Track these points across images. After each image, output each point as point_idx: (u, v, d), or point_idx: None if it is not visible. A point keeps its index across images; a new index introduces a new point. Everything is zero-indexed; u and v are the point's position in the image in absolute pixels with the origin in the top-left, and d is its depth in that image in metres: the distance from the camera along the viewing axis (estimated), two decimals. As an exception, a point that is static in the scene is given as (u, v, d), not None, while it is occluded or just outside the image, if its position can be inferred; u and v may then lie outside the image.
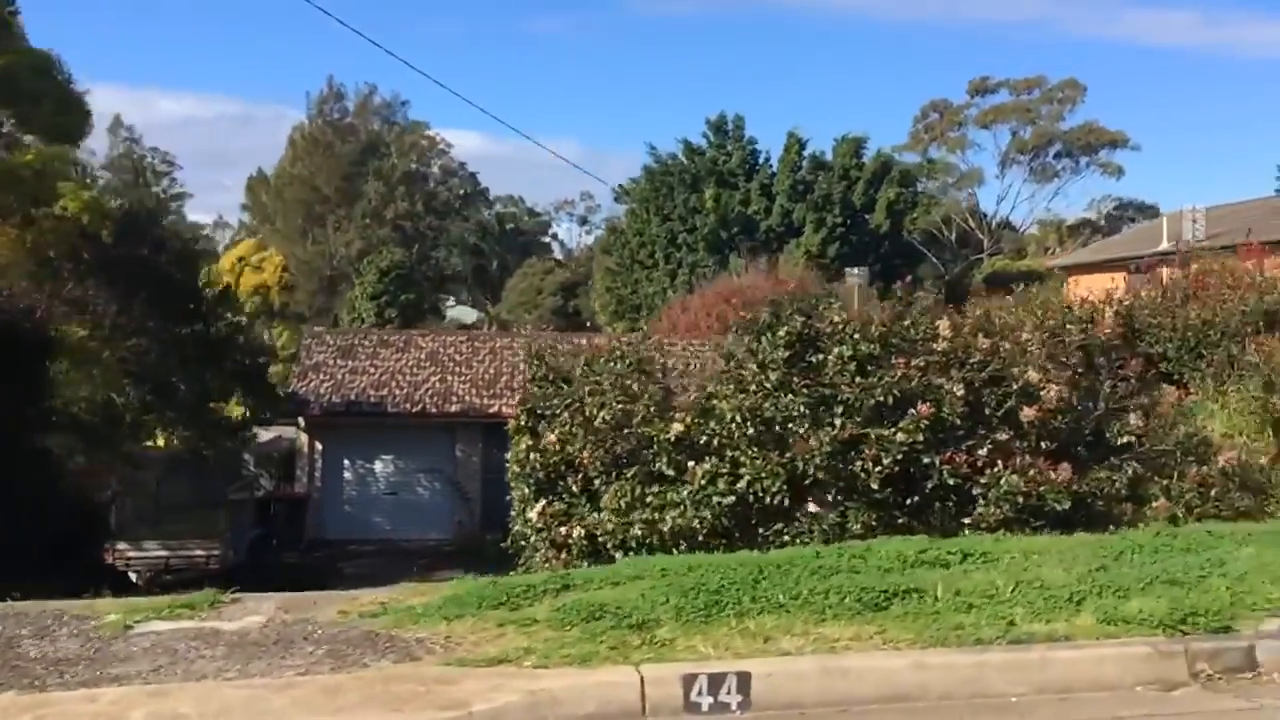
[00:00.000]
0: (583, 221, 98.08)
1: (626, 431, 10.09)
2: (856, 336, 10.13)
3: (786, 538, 9.92)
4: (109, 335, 19.23)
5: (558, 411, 10.76)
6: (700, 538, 9.81)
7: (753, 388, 10.06)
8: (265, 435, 29.11)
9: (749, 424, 9.90)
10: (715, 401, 10.04)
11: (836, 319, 10.29)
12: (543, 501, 10.87)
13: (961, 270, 65.97)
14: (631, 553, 9.93)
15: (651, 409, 10.08)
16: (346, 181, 75.72)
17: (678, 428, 9.87)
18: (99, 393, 18.85)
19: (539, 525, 10.81)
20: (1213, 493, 10.65)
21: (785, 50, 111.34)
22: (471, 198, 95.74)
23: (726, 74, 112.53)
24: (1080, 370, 11.85)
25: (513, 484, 11.56)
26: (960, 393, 10.00)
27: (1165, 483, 10.78)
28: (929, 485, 10.02)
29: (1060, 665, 5.76)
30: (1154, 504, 10.60)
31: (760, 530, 10.06)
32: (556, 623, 6.48)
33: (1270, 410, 11.05)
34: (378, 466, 28.23)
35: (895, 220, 62.08)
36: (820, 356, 10.19)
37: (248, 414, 26.55)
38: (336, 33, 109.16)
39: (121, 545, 21.84)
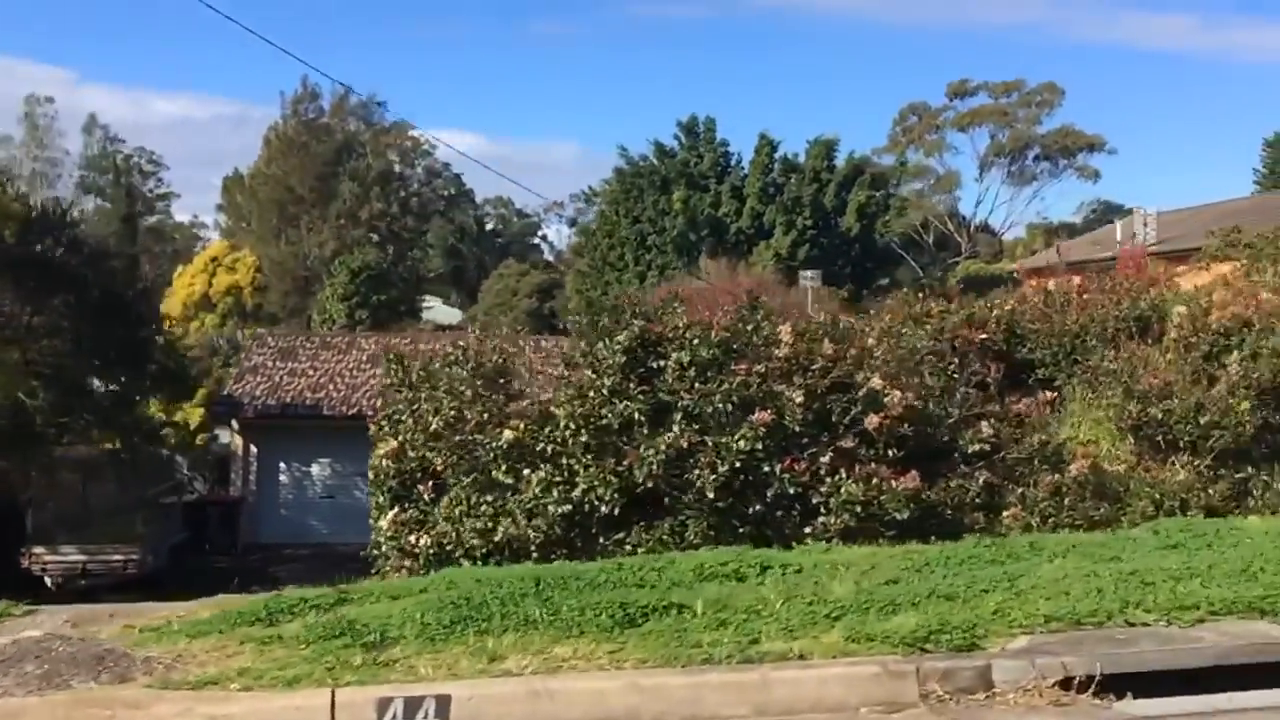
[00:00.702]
0: (572, 223, 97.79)
1: (459, 438, 9.88)
2: (696, 342, 9.92)
3: (629, 547, 9.73)
4: (19, 337, 18.97)
5: (403, 417, 10.55)
6: (534, 548, 9.59)
7: (591, 394, 9.85)
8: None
9: (583, 431, 9.69)
10: (553, 408, 9.83)
11: (679, 324, 10.08)
12: (395, 509, 10.65)
13: (939, 274, 65.87)
14: (479, 562, 9.74)
15: (485, 415, 9.86)
16: (321, 182, 75.37)
17: (509, 434, 9.66)
18: (8, 395, 18.59)
19: (390, 533, 10.59)
20: (1066, 501, 10.45)
21: (770, 53, 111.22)
22: (456, 199, 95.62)
23: (714, 76, 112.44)
24: (954, 375, 11.70)
25: (370, 491, 11.37)
26: (800, 399, 9.80)
27: (1021, 491, 10.59)
28: (770, 494, 9.81)
29: (783, 686, 5.55)
30: (1006, 513, 10.41)
31: (600, 540, 9.86)
32: (297, 641, 6.28)
33: (1128, 417, 10.83)
34: (314, 469, 27.99)
35: (868, 223, 61.90)
36: (661, 362, 9.98)
37: (190, 420, 26.33)
38: (337, 32, 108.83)
39: (38, 550, 21.55)
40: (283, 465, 27.79)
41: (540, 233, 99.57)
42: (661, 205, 58.56)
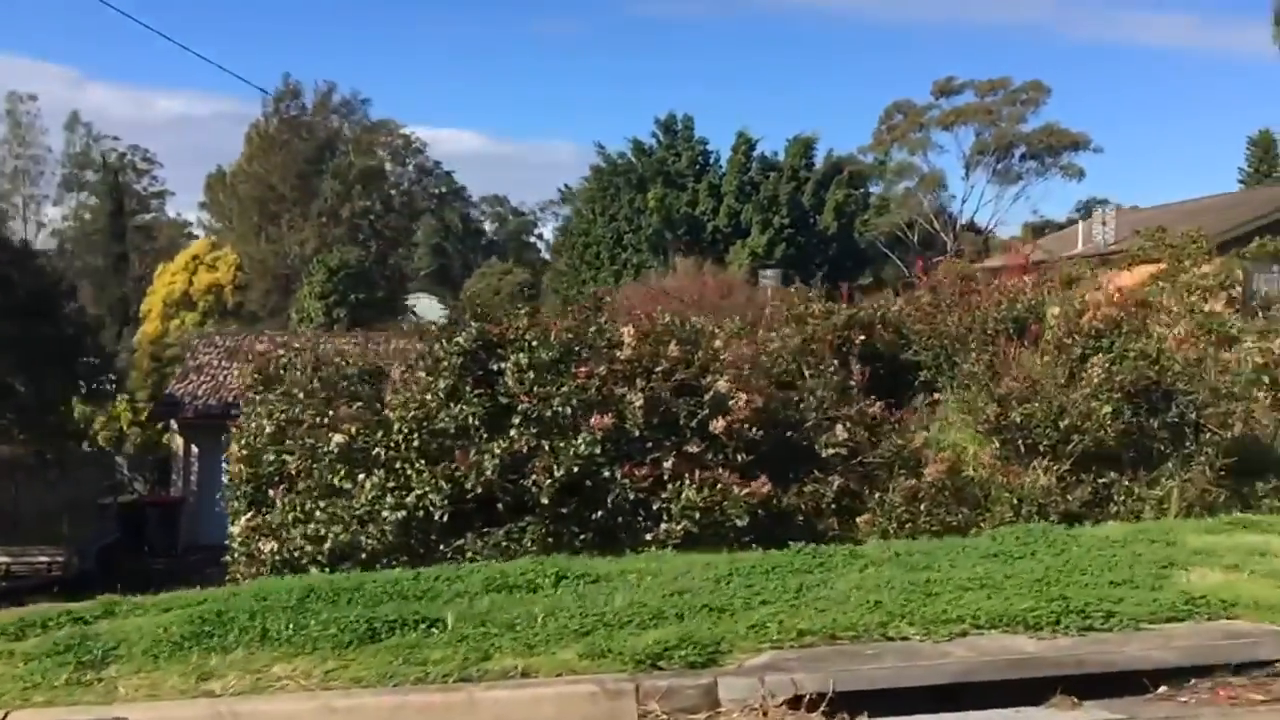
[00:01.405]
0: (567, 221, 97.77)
1: (289, 442, 9.67)
2: (536, 344, 9.71)
3: (469, 554, 9.52)
4: (-66, 338, 18.82)
5: (250, 420, 10.35)
6: (365, 555, 9.39)
7: (428, 397, 9.64)
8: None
9: (417, 435, 9.48)
10: (389, 411, 9.62)
11: (520, 325, 9.86)
12: (248, 514, 10.47)
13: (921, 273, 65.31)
14: (328, 569, 9.53)
15: (318, 418, 9.66)
16: (303, 180, 75.21)
17: (339, 438, 9.45)
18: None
19: (241, 540, 10.41)
20: (922, 507, 10.23)
21: (771, 53, 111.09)
22: (446, 197, 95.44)
23: (714, 77, 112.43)
24: (816, 377, 11.51)
25: (226, 495, 11.21)
26: (640, 403, 9.58)
27: (879, 496, 10.38)
28: (610, 500, 9.60)
29: (492, 706, 5.33)
30: (860, 519, 10.20)
31: (441, 547, 9.65)
32: (24, 657, 6.07)
33: (987, 420, 10.61)
34: (257, 470, 27.69)
35: (846, 222, 61.65)
36: (502, 364, 9.77)
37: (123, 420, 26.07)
38: (338, 32, 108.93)
39: (-39, 552, 21.46)
40: (225, 466, 27.49)
41: (536, 231, 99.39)
42: (637, 204, 58.36)
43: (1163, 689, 5.84)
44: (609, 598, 6.98)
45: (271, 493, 10.30)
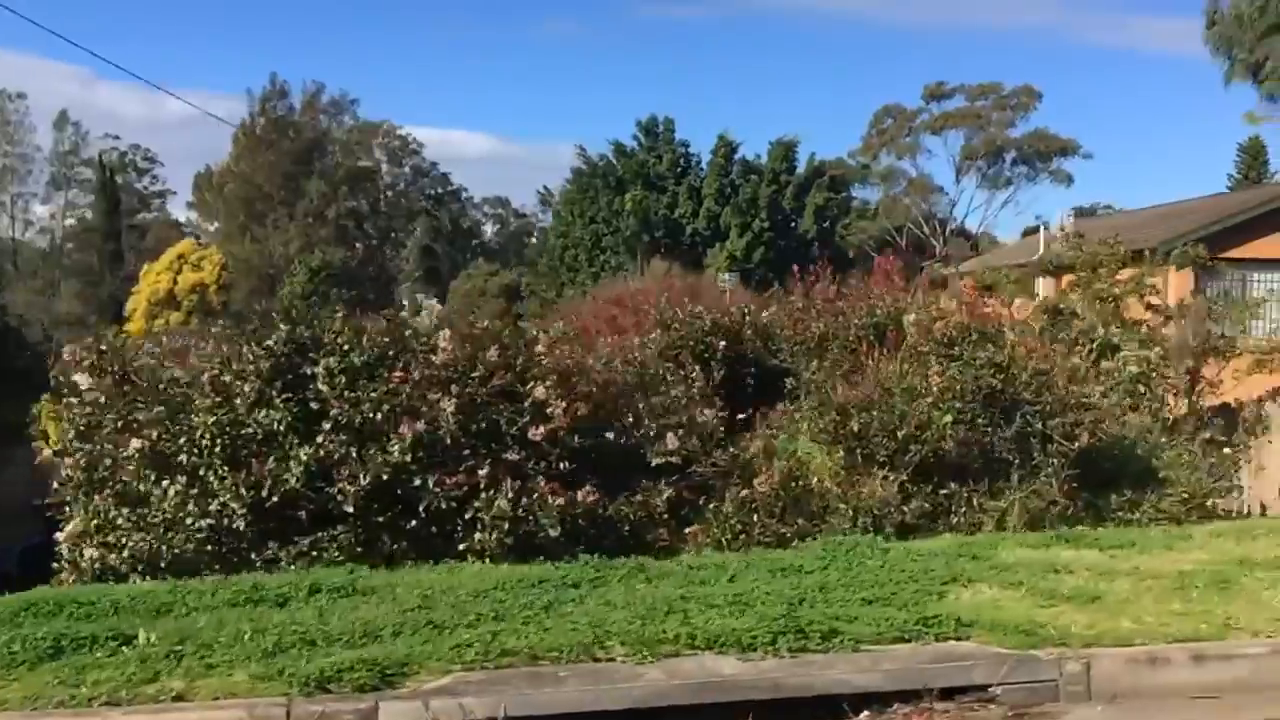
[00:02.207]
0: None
1: (89, 447, 9.44)
2: (347, 347, 9.46)
3: (284, 564, 9.27)
4: None
5: (66, 423, 10.12)
6: (165, 564, 9.14)
7: (237, 401, 9.39)
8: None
9: (221, 440, 9.23)
10: (193, 415, 9.37)
11: (336, 327, 9.62)
12: (75, 520, 10.22)
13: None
14: (147, 577, 9.30)
15: (119, 422, 9.42)
16: (289, 180, 75.23)
17: (137, 444, 9.21)
18: None
19: (68, 546, 10.17)
20: (755, 518, 9.97)
21: (774, 55, 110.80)
22: (442, 198, 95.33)
23: (714, 77, 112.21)
24: (694, 381, 11.29)
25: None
26: (452, 409, 9.33)
27: (712, 506, 10.12)
28: (423, 508, 9.34)
29: (128, 730, 5.09)
30: (689, 529, 9.94)
31: (252, 556, 9.40)
32: None
33: (826, 429, 10.34)
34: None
35: (828, 226, 61.37)
36: (314, 369, 9.52)
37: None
38: (346, 36, 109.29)
39: (-122, 551, 21.29)
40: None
41: (536, 232, 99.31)
42: (616, 206, 58.18)
43: (865, 714, 5.58)
44: (344, 613, 6.75)
45: (98, 499, 10.06)
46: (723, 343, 12.04)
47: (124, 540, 9.24)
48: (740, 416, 11.38)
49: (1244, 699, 5.74)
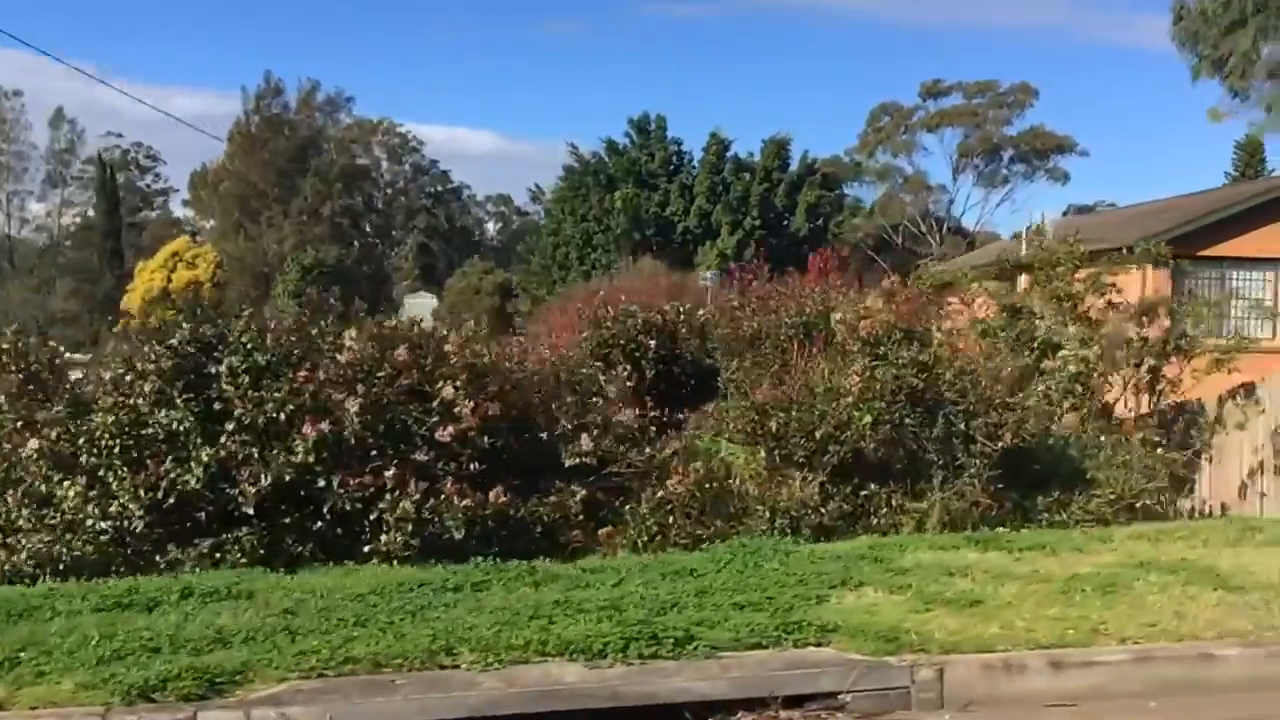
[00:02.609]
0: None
1: (-11, 447, 9.33)
2: (251, 346, 9.34)
3: (187, 567, 9.15)
4: None
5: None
6: (64, 566, 9.01)
7: (139, 401, 9.27)
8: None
9: (120, 440, 9.11)
10: (94, 415, 9.25)
11: (240, 326, 9.50)
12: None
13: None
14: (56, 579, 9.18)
15: (19, 421, 9.31)
16: (284, 178, 75.23)
17: (35, 443, 9.09)
18: None
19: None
20: (671, 519, 9.83)
21: (778, 55, 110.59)
22: (442, 195, 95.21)
23: (717, 78, 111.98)
24: (627, 380, 11.19)
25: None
26: (356, 409, 9.20)
27: (629, 508, 9.99)
28: (328, 510, 9.22)
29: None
30: (602, 531, 9.82)
31: (156, 558, 9.28)
32: None
33: (743, 429, 10.20)
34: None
35: (820, 224, 61.15)
36: (218, 368, 9.40)
37: None
38: (346, 31, 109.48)
39: None
40: None
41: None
42: (607, 204, 58.04)
43: (707, 722, 5.45)
44: (207, 619, 6.64)
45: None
46: (653, 341, 11.90)
47: (23, 542, 9.11)
48: (675, 416, 11.27)
49: (1099, 706, 5.60)
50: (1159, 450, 11.54)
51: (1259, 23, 19.07)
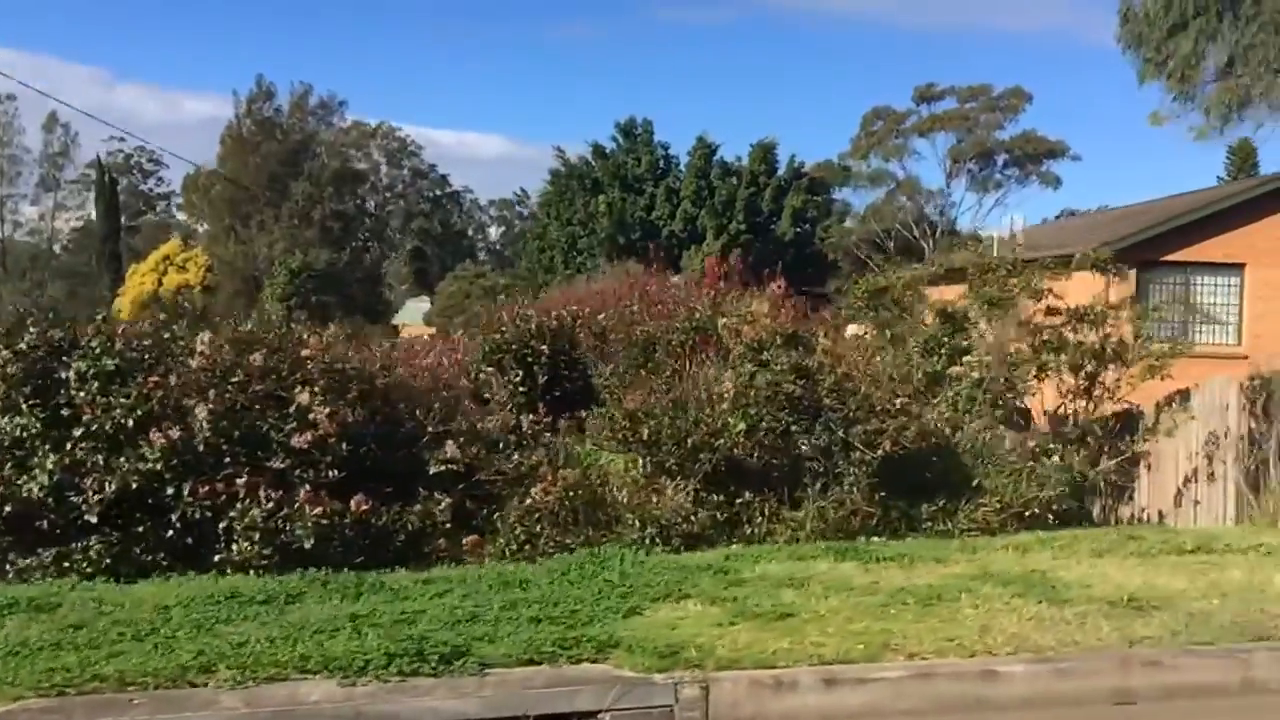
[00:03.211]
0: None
1: None
2: (99, 350, 9.16)
3: (36, 576, 8.96)
4: None
5: None
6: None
7: (-14, 406, 9.10)
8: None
9: (-41, 448, 8.94)
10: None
11: (90, 329, 9.32)
12: None
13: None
14: None
15: None
16: (276, 181, 75.12)
17: (-127, 451, 8.92)
18: None
19: None
20: (539, 528, 9.62)
21: (781, 58, 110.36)
22: (441, 200, 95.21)
23: (721, 82, 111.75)
24: (519, 384, 11.01)
25: None
26: (206, 415, 9.01)
27: (497, 516, 9.79)
28: (177, 518, 9.03)
29: None
30: (466, 540, 9.61)
31: (6, 568, 9.11)
32: None
33: (614, 435, 10.00)
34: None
35: (808, 228, 60.87)
36: (67, 373, 9.22)
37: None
38: (349, 36, 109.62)
39: None
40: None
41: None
42: (592, 208, 57.86)
43: (456, 744, 5.24)
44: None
45: None
46: (546, 346, 11.72)
47: None
48: (566, 421, 11.10)
49: (867, 727, 5.39)
50: (1057, 459, 11.28)
51: (1199, 25, 18.80)
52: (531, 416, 10.91)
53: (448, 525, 9.70)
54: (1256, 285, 27.39)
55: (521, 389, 11.62)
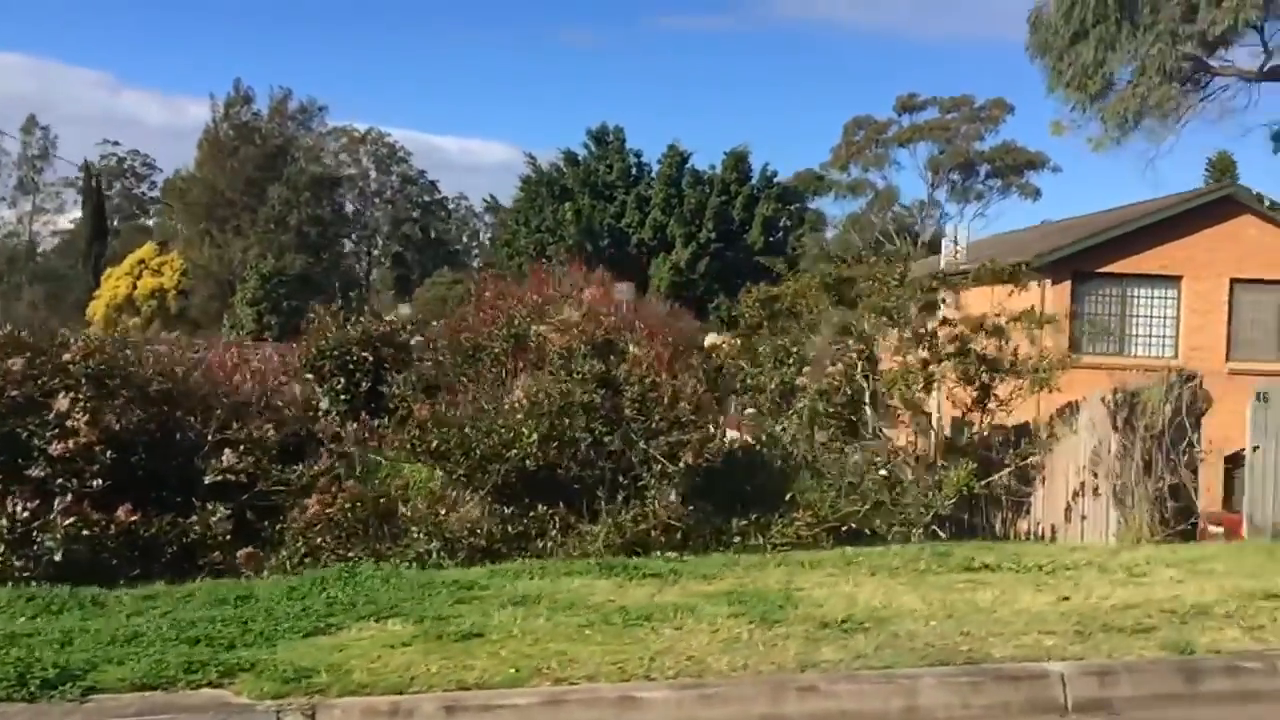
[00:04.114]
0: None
1: None
2: None
3: None
4: None
5: None
6: None
7: None
8: None
9: None
10: None
11: None
12: None
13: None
14: None
15: None
16: (252, 186, 74.92)
17: None
18: None
19: None
20: (320, 540, 9.29)
21: (771, 65, 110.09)
22: (430, 205, 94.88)
23: (724, 87, 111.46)
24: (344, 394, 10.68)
25: None
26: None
27: (278, 528, 9.46)
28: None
29: None
30: (241, 552, 9.26)
31: None
32: None
33: (404, 444, 9.66)
34: None
35: (780, 237, 60.56)
36: None
37: None
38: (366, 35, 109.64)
39: None
40: None
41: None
42: (560, 215, 57.63)
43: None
44: None
45: None
46: (369, 354, 11.38)
47: None
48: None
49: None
50: (883, 472, 10.93)
51: (1099, 34, 18.42)
52: (355, 425, 10.58)
53: (227, 537, 9.35)
54: (1193, 298, 27.05)
55: (344, 396, 11.28)
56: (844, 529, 10.27)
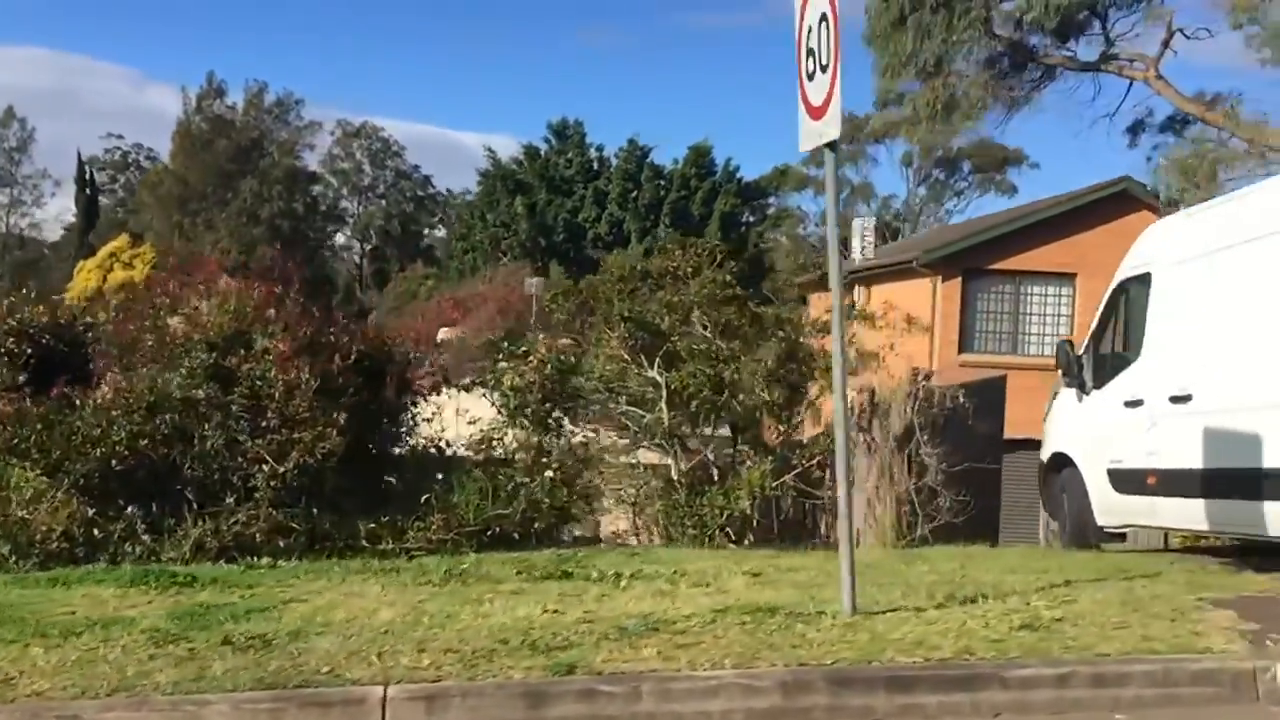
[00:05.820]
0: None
1: None
2: None
3: None
4: None
5: None
6: None
7: None
8: None
9: None
10: None
11: None
12: None
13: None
14: None
15: None
16: (226, 179, 74.71)
17: None
18: None
19: None
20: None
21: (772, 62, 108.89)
22: (423, 200, 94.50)
23: (724, 87, 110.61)
24: None
25: None
26: None
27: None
28: None
29: None
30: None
31: None
32: None
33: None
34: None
35: (740, 233, 59.88)
36: None
37: None
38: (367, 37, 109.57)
39: None
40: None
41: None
42: (515, 209, 57.22)
43: None
44: None
45: None
46: (28, 347, 10.81)
47: None
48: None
49: None
50: (544, 478, 10.30)
51: (915, 21, 17.71)
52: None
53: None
54: (1088, 295, 26.26)
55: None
56: (489, 533, 9.67)
